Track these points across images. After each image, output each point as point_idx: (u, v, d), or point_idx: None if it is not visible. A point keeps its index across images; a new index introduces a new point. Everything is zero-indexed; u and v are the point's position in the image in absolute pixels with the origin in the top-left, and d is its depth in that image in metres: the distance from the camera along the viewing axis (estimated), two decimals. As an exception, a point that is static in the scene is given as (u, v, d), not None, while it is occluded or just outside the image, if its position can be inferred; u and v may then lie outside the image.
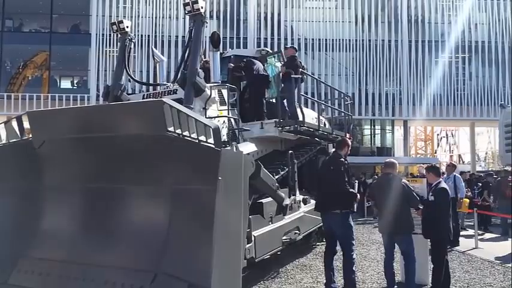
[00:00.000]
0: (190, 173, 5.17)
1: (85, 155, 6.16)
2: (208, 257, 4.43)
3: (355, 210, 5.97)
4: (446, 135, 51.93)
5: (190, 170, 5.19)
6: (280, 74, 8.64)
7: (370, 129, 28.00)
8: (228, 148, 5.06)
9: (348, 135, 10.37)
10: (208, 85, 7.08)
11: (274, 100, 8.76)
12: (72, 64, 27.50)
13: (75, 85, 28.01)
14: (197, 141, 5.11)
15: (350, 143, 6.30)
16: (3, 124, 6.72)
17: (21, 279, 6.02)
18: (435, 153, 47.03)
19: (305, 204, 7.91)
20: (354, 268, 5.59)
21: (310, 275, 6.34)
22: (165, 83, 7.92)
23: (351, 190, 5.73)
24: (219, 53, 7.90)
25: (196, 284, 4.57)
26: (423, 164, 27.69)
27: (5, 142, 6.68)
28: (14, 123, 6.69)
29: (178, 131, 5.40)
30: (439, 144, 52.12)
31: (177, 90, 7.22)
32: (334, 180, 5.67)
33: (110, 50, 24.69)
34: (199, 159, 5.04)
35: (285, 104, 8.32)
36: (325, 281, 5.71)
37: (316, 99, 8.85)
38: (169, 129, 5.40)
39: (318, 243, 8.60)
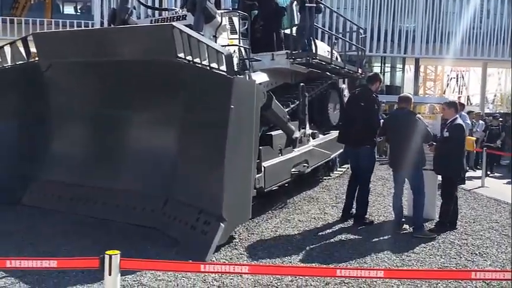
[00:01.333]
0: (201, 101, 5.06)
1: (93, 79, 6.02)
2: (219, 185, 4.43)
3: None
4: (457, 76, 50.95)
5: (200, 97, 5.08)
6: (294, 3, 8.29)
7: (381, 66, 27.40)
8: (241, 76, 4.91)
9: (360, 71, 10.14)
10: (219, 11, 6.79)
11: (286, 31, 8.47)
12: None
13: (79, 11, 27.20)
14: (208, 68, 4.98)
15: (382, 79, 6.22)
16: (8, 45, 6.55)
17: (34, 200, 6.18)
18: (444, 93, 46.39)
19: (314, 138, 7.86)
20: (368, 197, 5.86)
21: (318, 207, 6.40)
22: (173, 8, 7.59)
23: None
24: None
25: (207, 211, 4.62)
26: (431, 103, 27.48)
27: (12, 64, 6.56)
28: (20, 45, 6.54)
29: (189, 57, 5.25)
30: (448, 85, 51.31)
31: (186, 16, 6.92)
32: (366, 117, 5.66)
33: (114, -25, 23.68)
34: (210, 86, 4.91)
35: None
36: (342, 207, 5.98)
37: (329, 31, 8.48)
38: (179, 55, 5.26)
39: (324, 177, 8.64)
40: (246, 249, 4.57)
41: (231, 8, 7.54)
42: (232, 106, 4.46)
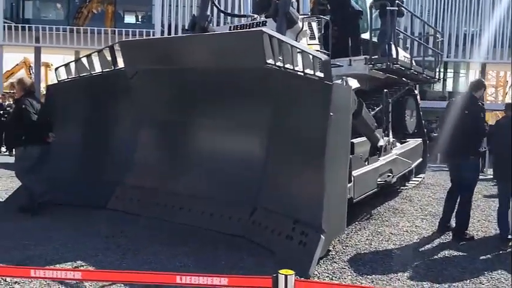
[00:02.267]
0: (294, 108, 4.93)
1: (179, 86, 6.04)
2: (319, 195, 4.26)
3: None
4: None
5: (294, 104, 4.94)
6: (372, 6, 8.04)
7: (443, 72, 26.37)
8: (339, 82, 4.74)
9: (437, 77, 9.71)
10: (300, 16, 6.67)
11: (362, 35, 8.23)
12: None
13: (140, 20, 28.04)
14: (302, 73, 4.83)
15: (486, 85, 5.89)
16: (96, 53, 6.72)
17: (119, 205, 6.24)
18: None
19: (394, 146, 7.56)
20: (470, 211, 5.51)
21: (406, 219, 6.11)
22: (251, 14, 7.54)
23: None
24: (309, -18, 7.39)
25: (304, 221, 4.46)
26: (497, 110, 26.08)
27: (98, 72, 6.71)
28: (107, 53, 6.69)
29: (279, 63, 5.15)
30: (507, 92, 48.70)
31: (266, 22, 6.85)
32: (472, 126, 5.32)
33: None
34: (306, 93, 4.76)
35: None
36: (434, 220, 5.76)
37: (410, 35, 8.15)
38: (268, 61, 5.17)
39: (402, 187, 8.29)
40: (346, 263, 4.37)
41: (309, 13, 7.38)
42: (331, 113, 4.30)
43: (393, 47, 7.52)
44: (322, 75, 4.50)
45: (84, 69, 6.52)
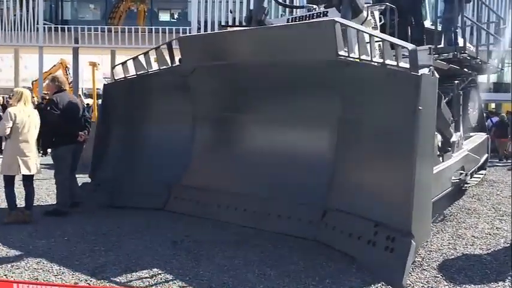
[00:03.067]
0: (375, 102, 4.55)
1: (241, 83, 5.76)
2: (407, 197, 3.86)
3: None
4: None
5: (375, 97, 4.56)
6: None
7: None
8: (427, 72, 4.36)
9: (500, 66, 9.15)
10: (365, 5, 6.31)
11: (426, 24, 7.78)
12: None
13: (175, 17, 28.04)
14: (380, 64, 4.47)
15: None
16: (153, 50, 6.54)
17: (178, 206, 5.94)
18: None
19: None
20: None
21: (483, 220, 5.68)
22: (309, 5, 7.19)
23: None
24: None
25: (388, 224, 4.11)
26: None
27: (156, 69, 6.53)
28: (165, 50, 6.49)
29: (354, 54, 4.81)
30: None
31: (327, 12, 6.49)
32: None
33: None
34: (387, 85, 4.41)
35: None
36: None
37: (477, 22, 7.64)
38: (341, 53, 4.84)
39: (466, 185, 7.80)
40: (437, 270, 4.01)
41: (370, 1, 6.98)
42: (420, 107, 3.93)
43: (460, 35, 7.06)
44: (407, 65, 4.13)
45: (141, 67, 6.35)
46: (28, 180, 5.48)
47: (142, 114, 6.49)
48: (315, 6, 7.06)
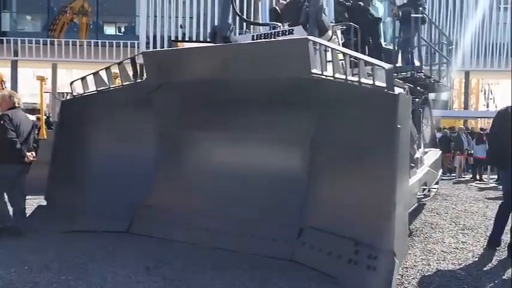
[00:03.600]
0: (348, 119, 4.60)
1: (209, 100, 5.61)
2: (388, 214, 3.89)
3: None
4: (484, 89, 49.64)
5: (346, 115, 4.62)
6: (392, 13, 7.87)
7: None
8: (402, 91, 4.45)
9: (449, 85, 9.62)
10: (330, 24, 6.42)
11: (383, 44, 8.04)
12: (116, 10, 26.73)
13: (122, 31, 27.38)
14: (358, 83, 4.53)
15: None
16: (116, 65, 6.27)
17: (145, 228, 5.60)
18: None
19: (422, 158, 7.34)
20: None
21: (448, 235, 5.87)
22: (275, 23, 7.21)
23: None
24: (333, -12, 7.13)
25: (367, 242, 4.10)
26: (483, 117, 26.47)
27: (118, 85, 6.26)
28: (128, 65, 6.24)
29: (327, 72, 4.84)
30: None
31: (293, 30, 6.55)
32: None
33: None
34: (363, 103, 4.46)
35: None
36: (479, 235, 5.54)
37: (430, 43, 8.01)
38: (314, 71, 4.86)
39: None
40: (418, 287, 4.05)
41: (333, 21, 7.12)
42: (399, 126, 4.00)
43: (416, 55, 7.37)
44: (384, 84, 4.20)
45: (102, 82, 6.06)
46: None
47: (103, 132, 6.17)
48: (279, 24, 7.12)
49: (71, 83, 6.24)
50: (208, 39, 22.28)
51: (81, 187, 5.99)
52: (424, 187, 6.43)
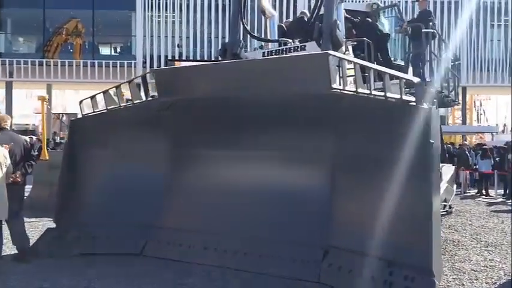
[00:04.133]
0: (374, 135, 4.46)
1: (224, 117, 5.47)
2: (426, 232, 3.73)
3: None
4: (474, 103, 50.13)
5: (372, 131, 4.49)
6: (402, 29, 7.84)
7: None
8: (433, 106, 4.33)
9: (457, 100, 9.57)
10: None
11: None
12: (112, 30, 26.68)
13: (118, 51, 27.29)
14: (384, 98, 4.40)
15: None
16: (127, 84, 6.11)
17: (157, 251, 5.42)
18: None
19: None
20: None
21: (473, 252, 5.70)
22: (285, 39, 7.13)
23: None
24: (342, 4, 7.07)
25: (401, 263, 3.92)
26: (480, 132, 26.55)
27: (128, 104, 6.09)
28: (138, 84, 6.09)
29: (350, 87, 4.74)
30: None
31: (305, 46, 6.48)
32: None
33: (154, 15, 23.82)
34: (387, 118, 4.32)
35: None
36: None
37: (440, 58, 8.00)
38: (334, 86, 4.74)
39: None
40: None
41: (344, 36, 7.05)
42: (432, 141, 3.88)
43: (427, 70, 7.31)
44: (413, 98, 4.08)
45: (112, 101, 5.90)
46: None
47: (113, 152, 5.97)
48: (289, 40, 7.04)
49: (80, 102, 6.07)
50: (205, 58, 22.28)
51: (91, 208, 5.78)
52: (445, 203, 6.29)
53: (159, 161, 5.83)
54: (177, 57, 23.22)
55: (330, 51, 4.82)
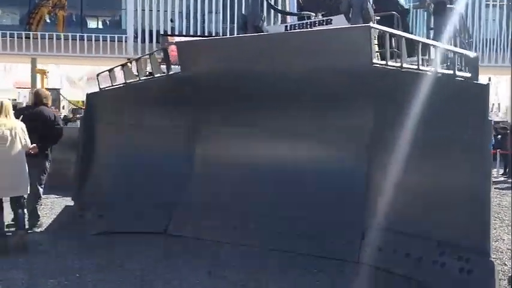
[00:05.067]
0: (425, 111, 4.25)
1: (252, 92, 5.24)
2: (483, 212, 3.65)
3: None
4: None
5: (423, 107, 4.28)
6: (426, 4, 7.65)
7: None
8: (489, 82, 4.16)
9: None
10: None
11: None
12: (100, 3, 25.83)
13: (106, 25, 26.43)
14: (432, 73, 4.22)
15: None
16: (147, 56, 5.81)
17: (184, 230, 5.18)
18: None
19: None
20: None
21: (501, 231, 5.67)
22: (308, 12, 6.87)
23: None
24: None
25: (453, 243, 3.82)
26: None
27: (149, 77, 5.81)
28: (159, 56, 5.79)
29: (393, 62, 4.56)
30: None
31: (331, 20, 6.24)
32: None
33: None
34: (438, 94, 4.14)
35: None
36: None
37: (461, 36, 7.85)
38: (375, 60, 4.56)
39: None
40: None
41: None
42: (490, 119, 3.74)
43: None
44: (468, 75, 3.92)
45: (131, 75, 5.61)
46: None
47: (133, 127, 5.71)
48: (313, 13, 6.79)
49: (98, 75, 5.75)
50: (198, 34, 21.62)
51: (110, 186, 5.55)
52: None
53: (180, 137, 5.61)
54: (169, 33, 22.59)
55: (372, 24, 4.62)
